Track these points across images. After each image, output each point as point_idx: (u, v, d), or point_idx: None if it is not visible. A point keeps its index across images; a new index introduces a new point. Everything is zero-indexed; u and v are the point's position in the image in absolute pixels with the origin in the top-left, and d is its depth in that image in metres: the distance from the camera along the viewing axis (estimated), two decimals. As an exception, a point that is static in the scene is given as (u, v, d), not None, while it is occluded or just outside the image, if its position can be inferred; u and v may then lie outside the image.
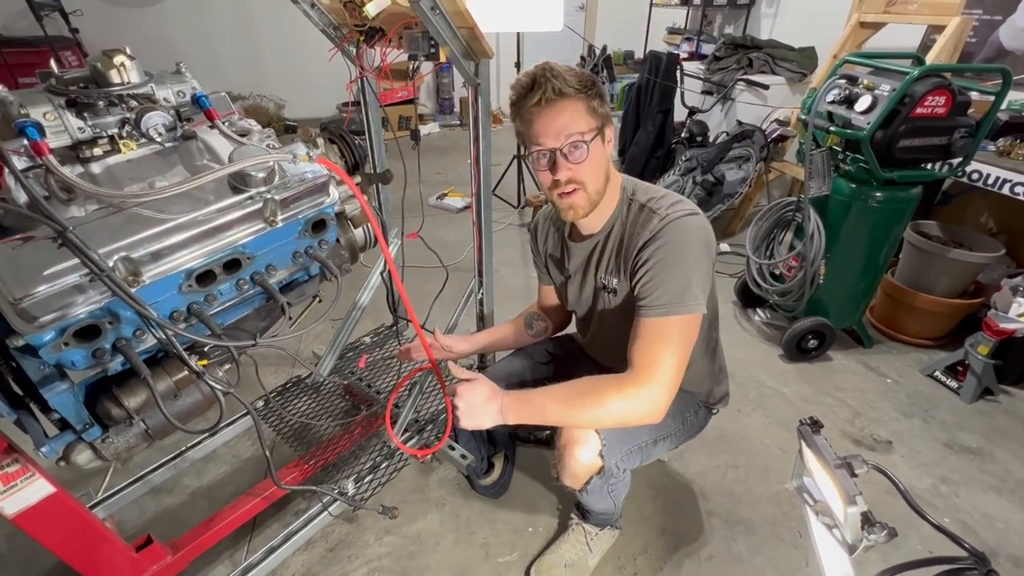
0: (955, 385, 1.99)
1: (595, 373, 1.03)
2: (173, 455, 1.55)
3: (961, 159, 1.85)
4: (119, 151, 0.91)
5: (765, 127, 2.93)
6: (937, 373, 2.06)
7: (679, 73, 3.22)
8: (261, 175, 0.90)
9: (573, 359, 1.46)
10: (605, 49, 3.81)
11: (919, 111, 1.69)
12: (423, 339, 1.19)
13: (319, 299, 1.17)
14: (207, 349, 0.95)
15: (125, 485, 1.46)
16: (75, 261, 0.73)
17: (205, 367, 0.89)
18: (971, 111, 1.77)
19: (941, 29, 2.40)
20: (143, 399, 0.89)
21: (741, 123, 3.05)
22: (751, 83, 3.17)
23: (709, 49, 3.92)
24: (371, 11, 1.06)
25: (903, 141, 1.73)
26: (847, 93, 1.85)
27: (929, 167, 1.93)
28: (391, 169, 1.58)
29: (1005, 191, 1.97)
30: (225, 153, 0.96)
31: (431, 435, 1.61)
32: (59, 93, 0.87)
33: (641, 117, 3.42)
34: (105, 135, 0.91)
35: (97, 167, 0.90)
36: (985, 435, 1.81)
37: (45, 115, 0.84)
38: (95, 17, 4.37)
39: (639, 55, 5.32)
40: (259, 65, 5.30)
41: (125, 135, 0.92)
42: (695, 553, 1.44)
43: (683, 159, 2.98)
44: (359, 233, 1.20)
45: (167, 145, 0.96)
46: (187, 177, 0.82)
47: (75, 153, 0.88)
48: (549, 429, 1.62)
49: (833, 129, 1.87)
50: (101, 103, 0.89)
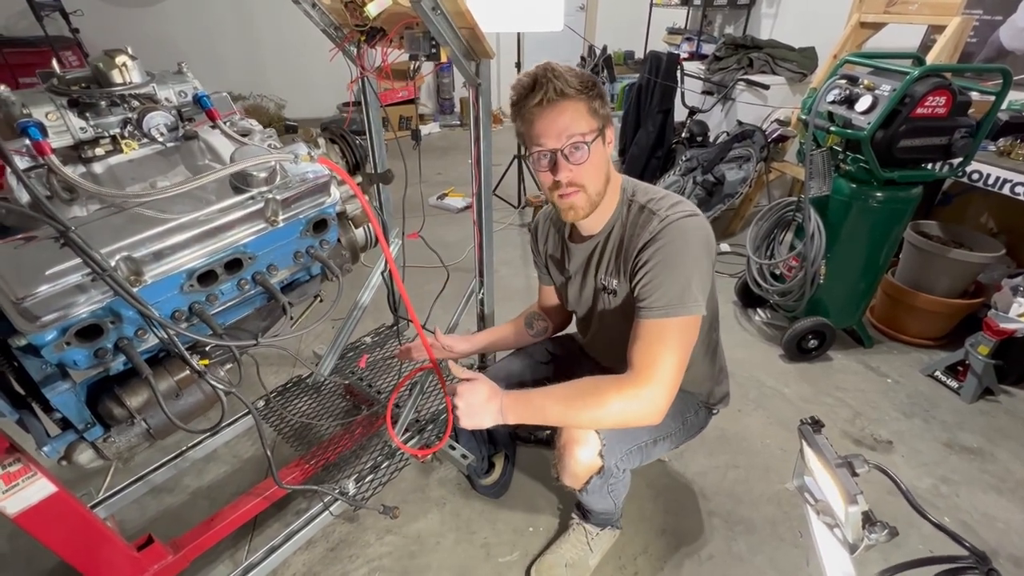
0: (955, 385, 1.99)
1: (595, 373, 1.03)
2: (174, 455, 1.55)
3: (961, 159, 1.85)
4: (121, 151, 0.92)
5: (765, 127, 2.93)
6: (937, 373, 2.06)
7: (679, 73, 3.22)
8: (263, 175, 0.90)
9: (573, 359, 1.46)
10: (605, 49, 3.81)
11: (919, 111, 1.69)
12: (424, 339, 1.20)
13: (320, 299, 1.17)
14: (209, 349, 0.95)
15: (126, 485, 1.46)
16: (77, 261, 0.73)
17: (207, 366, 0.90)
18: (971, 111, 1.77)
19: (941, 29, 2.41)
20: (145, 398, 0.89)
21: (741, 123, 3.05)
22: (751, 83, 3.17)
23: (709, 49, 3.92)
24: (372, 11, 1.06)
25: (903, 141, 1.73)
26: (847, 93, 1.85)
27: (929, 167, 1.93)
28: (392, 169, 1.58)
29: (1005, 191, 1.97)
30: (227, 153, 0.96)
31: (432, 435, 1.61)
32: (61, 93, 0.87)
33: (641, 117, 3.42)
34: (107, 135, 0.91)
35: (99, 167, 0.90)
36: (985, 435, 1.81)
37: (47, 115, 0.85)
38: (95, 17, 4.37)
39: (639, 55, 5.32)
40: (259, 65, 5.30)
41: (127, 135, 0.92)
42: (696, 553, 1.44)
43: (683, 159, 2.98)
44: (360, 233, 1.20)
45: (169, 145, 0.96)
46: (189, 177, 0.82)
47: (77, 153, 0.88)
48: (549, 429, 1.62)
49: (833, 129, 1.87)
50: (103, 103, 0.89)
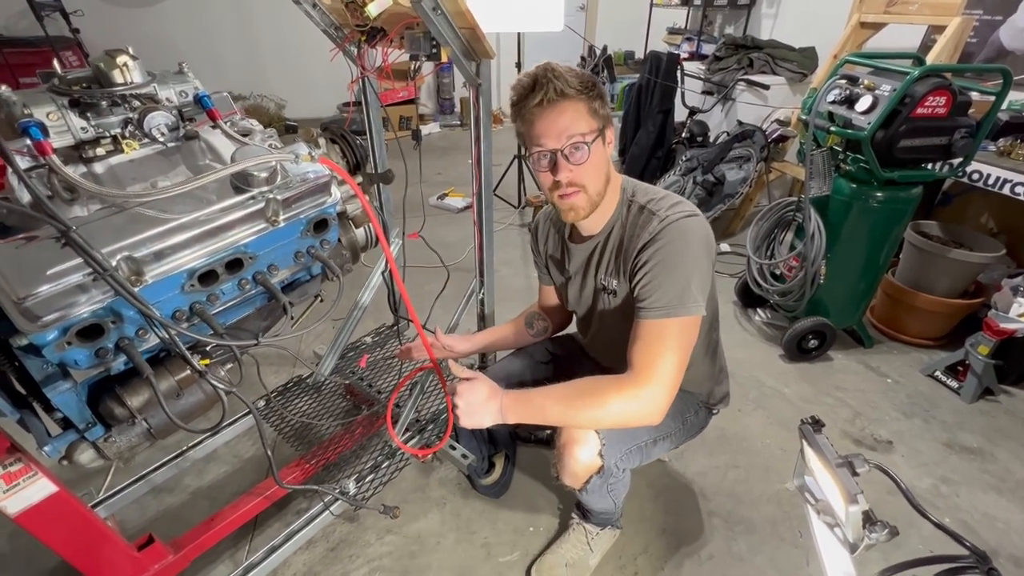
0: (955, 385, 1.99)
1: (596, 373, 1.03)
2: (174, 454, 1.56)
3: (961, 159, 1.85)
4: (122, 151, 0.92)
5: (766, 127, 2.93)
6: (937, 373, 2.06)
7: (679, 73, 3.22)
8: (263, 175, 0.91)
9: (574, 359, 1.46)
10: (605, 49, 3.82)
11: (920, 111, 1.69)
12: (424, 338, 1.20)
13: (321, 299, 1.17)
14: (209, 348, 0.96)
15: (126, 484, 1.46)
16: (78, 260, 0.73)
17: (208, 366, 0.90)
18: (971, 111, 1.77)
19: (942, 29, 2.41)
20: (146, 398, 0.89)
21: (741, 123, 3.05)
22: (751, 83, 3.17)
23: (709, 49, 3.92)
24: (373, 11, 1.06)
25: (904, 141, 1.73)
26: (848, 93, 1.85)
27: (930, 167, 1.93)
28: (392, 169, 1.58)
29: (1005, 191, 1.97)
30: (227, 153, 0.96)
31: (432, 435, 1.61)
32: (62, 93, 0.87)
33: (642, 117, 3.42)
34: (108, 135, 0.91)
35: (100, 167, 0.90)
36: (986, 435, 1.81)
37: (48, 115, 0.85)
38: (96, 17, 4.38)
39: (639, 55, 5.32)
40: (259, 65, 5.30)
41: (128, 135, 0.93)
42: (696, 553, 1.44)
43: (684, 159, 2.98)
44: (360, 233, 1.21)
45: (170, 145, 0.96)
46: (190, 177, 0.82)
47: (78, 153, 0.88)
48: (550, 429, 1.62)
49: (834, 129, 1.87)
50: (104, 103, 0.90)
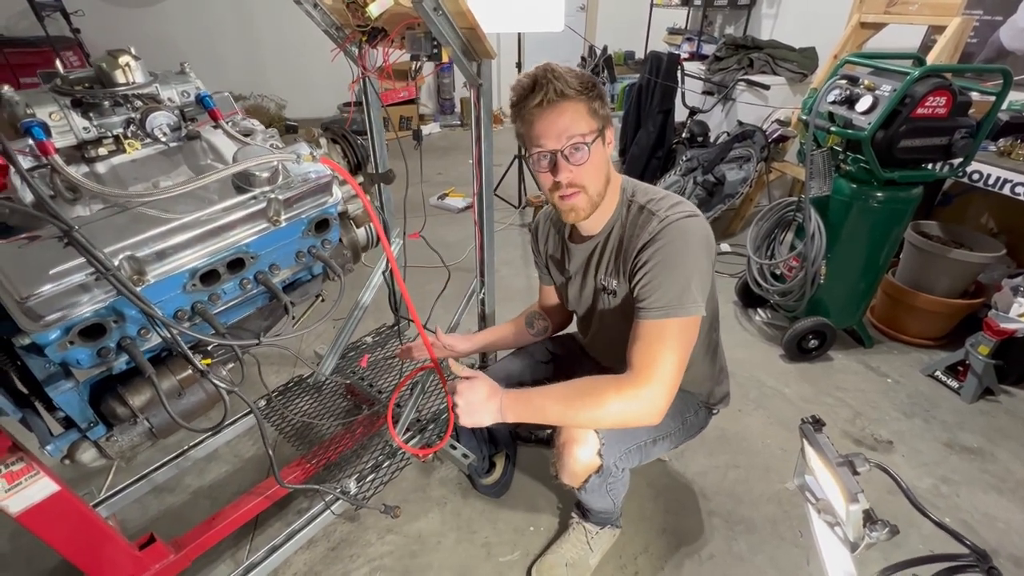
0: (956, 385, 1.99)
1: (596, 373, 1.03)
2: (175, 454, 1.56)
3: (962, 159, 1.85)
4: (124, 151, 0.92)
5: (766, 127, 2.93)
6: (938, 373, 2.06)
7: (680, 73, 3.22)
8: (265, 175, 0.91)
9: (574, 358, 1.47)
10: (606, 49, 3.82)
11: (920, 111, 1.69)
12: (425, 338, 1.20)
13: (322, 298, 1.18)
14: (211, 348, 0.96)
15: (128, 484, 1.46)
16: (80, 260, 0.73)
17: (209, 366, 0.90)
18: (972, 111, 1.77)
19: (942, 29, 2.41)
20: (148, 398, 0.89)
21: (742, 123, 3.05)
22: (752, 83, 3.17)
23: (710, 49, 3.93)
24: (374, 12, 1.06)
25: (904, 141, 1.73)
26: (848, 93, 1.85)
27: (930, 167, 1.93)
28: (393, 169, 1.58)
29: (1006, 191, 1.97)
30: (229, 153, 0.97)
31: (433, 434, 1.61)
32: (64, 93, 0.87)
33: (642, 117, 3.42)
34: (110, 135, 0.91)
35: (102, 167, 0.91)
36: (986, 435, 1.81)
37: (51, 115, 0.85)
38: (96, 17, 4.38)
39: (640, 55, 5.32)
40: (260, 65, 5.31)
41: (130, 135, 0.93)
42: (696, 552, 1.44)
43: (684, 159, 2.98)
44: (361, 233, 1.21)
45: (172, 145, 0.97)
46: (191, 177, 0.82)
47: (80, 153, 0.88)
48: (550, 428, 1.62)
49: (834, 129, 1.87)
50: (106, 103, 0.90)
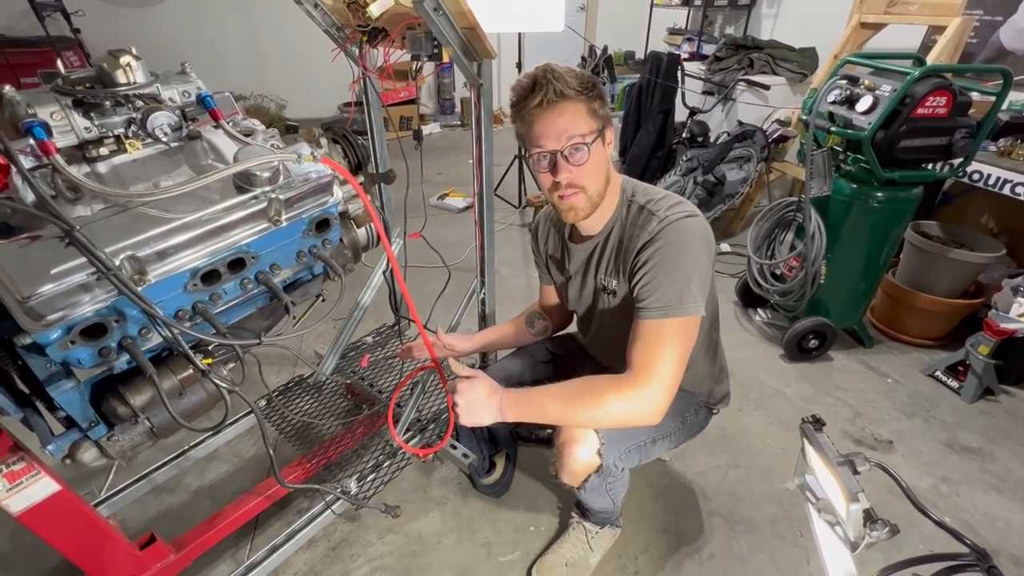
0: (956, 385, 2.00)
1: (596, 372, 1.03)
2: (176, 454, 1.56)
3: (962, 159, 1.85)
4: (125, 151, 0.92)
5: (766, 127, 2.93)
6: (938, 373, 2.06)
7: (680, 73, 3.22)
8: (266, 175, 0.91)
9: (574, 358, 1.47)
10: (606, 49, 3.82)
11: (920, 111, 1.69)
12: (425, 337, 1.20)
13: (322, 298, 1.18)
14: (212, 348, 0.96)
15: (128, 484, 1.46)
16: (82, 260, 0.73)
17: (210, 365, 0.90)
18: (972, 111, 1.77)
19: (942, 30, 2.41)
20: (149, 397, 0.90)
21: (742, 123, 3.05)
22: (752, 83, 3.17)
23: (710, 49, 3.93)
24: (374, 12, 1.07)
25: (904, 141, 1.73)
26: (848, 93, 1.85)
27: (930, 167, 1.93)
28: (393, 169, 1.59)
29: (1006, 191, 1.97)
30: (230, 153, 0.97)
31: (433, 434, 1.61)
32: (66, 93, 0.87)
33: (642, 117, 3.42)
34: (111, 135, 0.91)
35: (103, 167, 0.91)
36: (986, 435, 1.81)
37: (52, 115, 0.85)
38: (97, 17, 4.38)
39: (640, 55, 5.32)
40: (260, 65, 5.31)
41: (131, 135, 0.93)
42: (696, 552, 1.44)
43: (684, 159, 2.99)
44: (362, 232, 1.21)
45: (172, 145, 0.97)
46: (192, 177, 0.83)
47: (81, 153, 0.89)
48: (550, 428, 1.62)
49: (834, 129, 1.87)
50: (107, 103, 0.90)
